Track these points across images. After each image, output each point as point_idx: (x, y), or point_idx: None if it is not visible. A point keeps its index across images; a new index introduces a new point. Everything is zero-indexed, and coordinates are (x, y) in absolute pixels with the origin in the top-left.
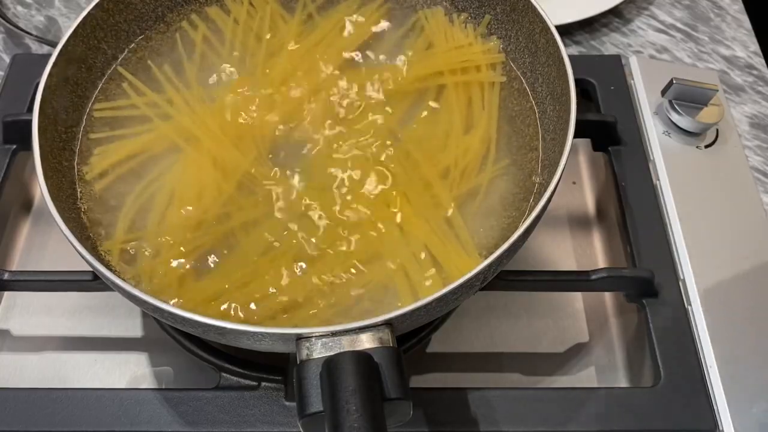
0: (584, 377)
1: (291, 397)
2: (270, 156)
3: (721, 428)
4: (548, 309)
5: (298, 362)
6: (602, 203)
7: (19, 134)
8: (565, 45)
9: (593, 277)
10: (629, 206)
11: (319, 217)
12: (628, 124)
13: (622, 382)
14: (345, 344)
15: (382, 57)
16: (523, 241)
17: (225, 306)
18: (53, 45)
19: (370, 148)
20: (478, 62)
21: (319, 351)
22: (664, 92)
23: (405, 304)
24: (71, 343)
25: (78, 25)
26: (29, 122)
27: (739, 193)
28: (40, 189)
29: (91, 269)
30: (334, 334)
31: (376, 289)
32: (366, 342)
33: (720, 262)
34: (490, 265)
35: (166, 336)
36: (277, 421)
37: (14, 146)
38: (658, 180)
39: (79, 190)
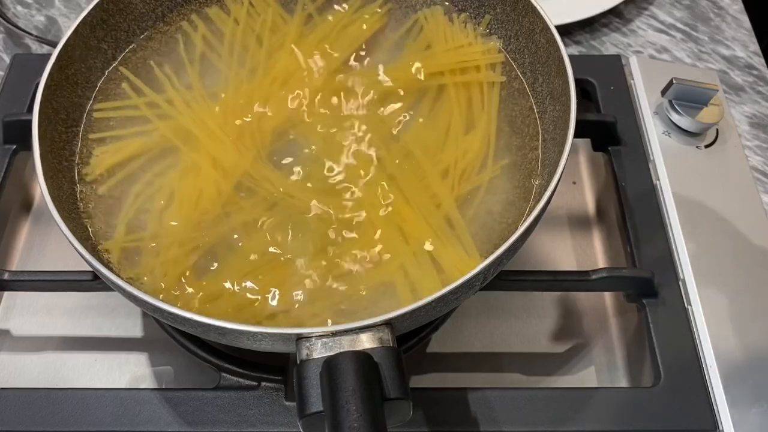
0: (584, 377)
1: (291, 397)
2: (269, 156)
3: (721, 428)
4: (548, 309)
5: (298, 362)
6: (602, 203)
7: (19, 134)
8: (565, 45)
9: (593, 277)
10: (629, 206)
11: (318, 218)
12: (628, 124)
13: (622, 382)
14: (345, 344)
15: (382, 57)
16: (523, 241)
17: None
18: (53, 45)
19: (370, 149)
20: (478, 62)
21: (319, 351)
22: (664, 92)
23: (405, 304)
24: (71, 343)
25: (78, 25)
26: (29, 122)
27: (739, 193)
28: (40, 189)
29: (91, 269)
30: (334, 334)
31: (376, 289)
32: (366, 342)
33: (720, 262)
34: (490, 265)
35: (166, 336)
36: (277, 421)
37: (14, 146)
38: (658, 180)
39: (79, 190)
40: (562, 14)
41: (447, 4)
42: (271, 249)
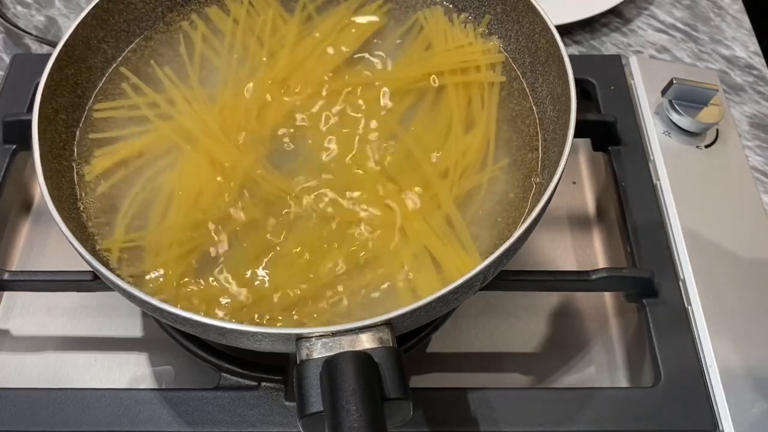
0: (584, 377)
1: (291, 397)
2: (269, 156)
3: (721, 428)
4: (548, 309)
5: (298, 362)
6: (602, 203)
7: (19, 134)
8: (565, 45)
9: (593, 277)
10: (629, 206)
11: (319, 218)
12: (628, 124)
13: (622, 382)
14: (345, 344)
15: (381, 57)
16: (523, 241)
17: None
18: (53, 45)
19: (370, 149)
20: (478, 62)
21: (319, 351)
22: (664, 92)
23: (405, 304)
24: (71, 343)
25: (78, 25)
26: (29, 122)
27: (739, 193)
28: (40, 189)
29: (91, 269)
30: (334, 334)
31: (376, 289)
32: (366, 342)
33: (720, 262)
34: (490, 265)
35: (166, 336)
36: (277, 421)
37: (14, 146)
38: (658, 180)
39: (78, 190)
40: (562, 14)
41: (447, 4)
42: (271, 249)
